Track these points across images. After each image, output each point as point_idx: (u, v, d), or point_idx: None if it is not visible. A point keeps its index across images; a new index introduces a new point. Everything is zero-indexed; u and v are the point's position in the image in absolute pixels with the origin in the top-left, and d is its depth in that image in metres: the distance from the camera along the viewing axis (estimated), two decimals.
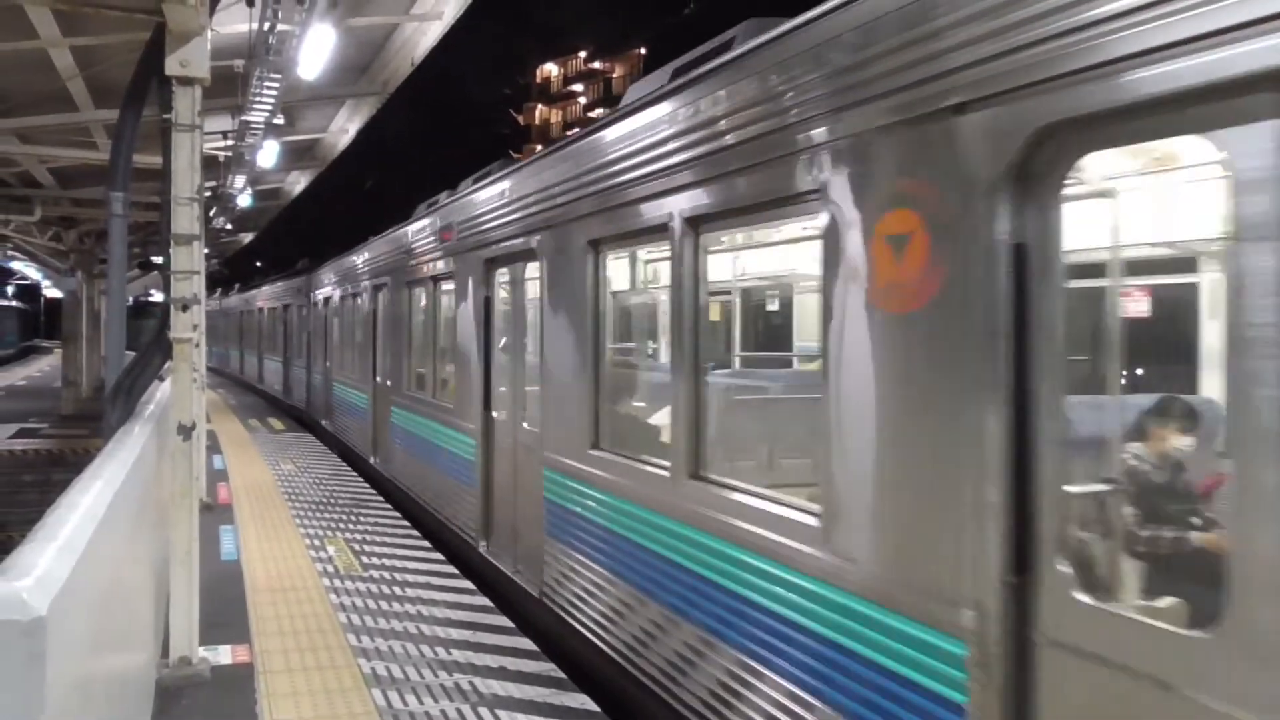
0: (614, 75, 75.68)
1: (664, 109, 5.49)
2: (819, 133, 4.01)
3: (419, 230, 11.74)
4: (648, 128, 5.67)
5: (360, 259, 15.79)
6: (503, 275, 8.87)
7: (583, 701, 5.79)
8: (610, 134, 6.29)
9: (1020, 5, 3.00)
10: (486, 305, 9.06)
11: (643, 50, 71.34)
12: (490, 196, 8.84)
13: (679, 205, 5.27)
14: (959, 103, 3.22)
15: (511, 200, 8.13)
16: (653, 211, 5.59)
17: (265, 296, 29.40)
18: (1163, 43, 2.59)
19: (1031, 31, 2.95)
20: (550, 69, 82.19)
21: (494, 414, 8.90)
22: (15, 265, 40.23)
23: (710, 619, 4.94)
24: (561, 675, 6.22)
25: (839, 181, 3.89)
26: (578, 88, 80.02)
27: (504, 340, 8.96)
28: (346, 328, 16.83)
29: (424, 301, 11.81)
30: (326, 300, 18.92)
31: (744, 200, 4.76)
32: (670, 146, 5.35)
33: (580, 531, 6.62)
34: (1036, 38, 2.93)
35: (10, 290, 65.17)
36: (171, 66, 5.91)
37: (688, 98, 5.20)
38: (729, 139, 4.78)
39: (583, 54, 78.81)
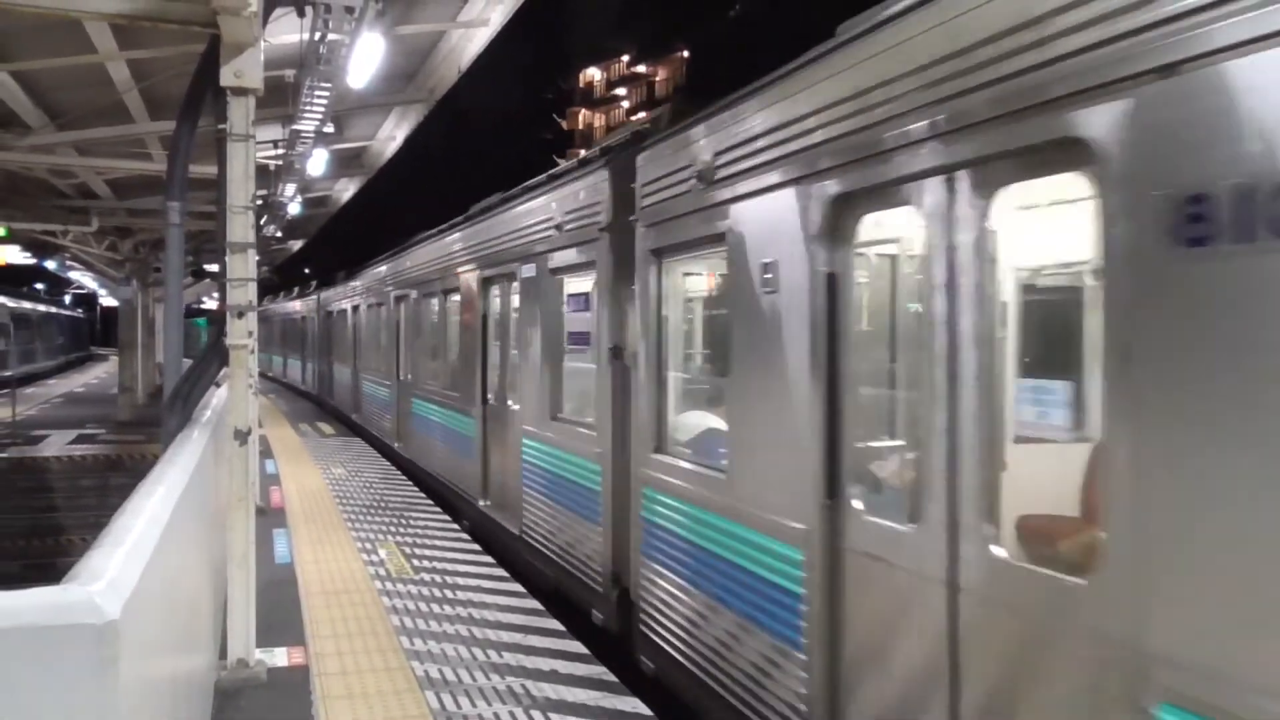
0: (657, 78, 75.76)
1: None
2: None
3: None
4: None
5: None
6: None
7: (634, 705, 5.78)
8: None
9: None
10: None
11: (685, 53, 71.40)
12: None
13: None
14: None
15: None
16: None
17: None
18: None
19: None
20: (593, 73, 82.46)
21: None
22: (73, 275, 41.12)
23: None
24: (613, 679, 6.22)
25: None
26: (620, 91, 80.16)
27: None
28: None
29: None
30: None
31: None
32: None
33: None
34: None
35: (68, 299, 66.69)
36: (226, 78, 6.00)
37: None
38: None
39: (625, 57, 78.95)
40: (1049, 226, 4.30)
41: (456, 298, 12.58)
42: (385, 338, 17.51)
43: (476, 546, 9.93)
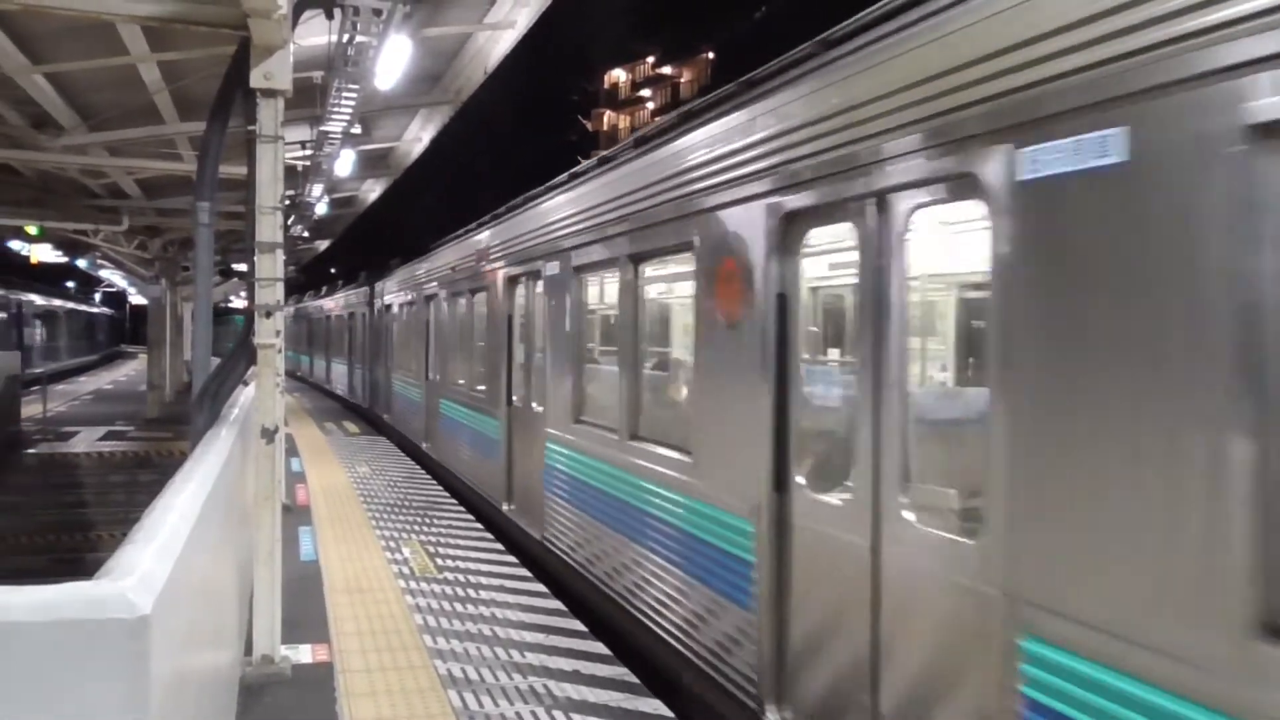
0: (682, 80, 75.69)
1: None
2: None
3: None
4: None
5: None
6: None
7: (656, 707, 5.79)
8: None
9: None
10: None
11: (711, 54, 71.30)
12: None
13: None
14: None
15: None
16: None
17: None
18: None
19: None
20: (618, 74, 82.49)
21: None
22: (103, 273, 41.60)
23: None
24: (635, 680, 6.24)
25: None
26: (646, 93, 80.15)
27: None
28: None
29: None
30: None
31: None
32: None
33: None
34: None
35: (98, 297, 67.49)
36: (256, 79, 6.07)
37: None
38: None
39: (650, 59, 78.94)
40: None
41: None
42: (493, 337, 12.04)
43: (500, 546, 9.97)
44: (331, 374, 31.33)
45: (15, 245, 27.97)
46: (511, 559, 9.44)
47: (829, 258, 5.52)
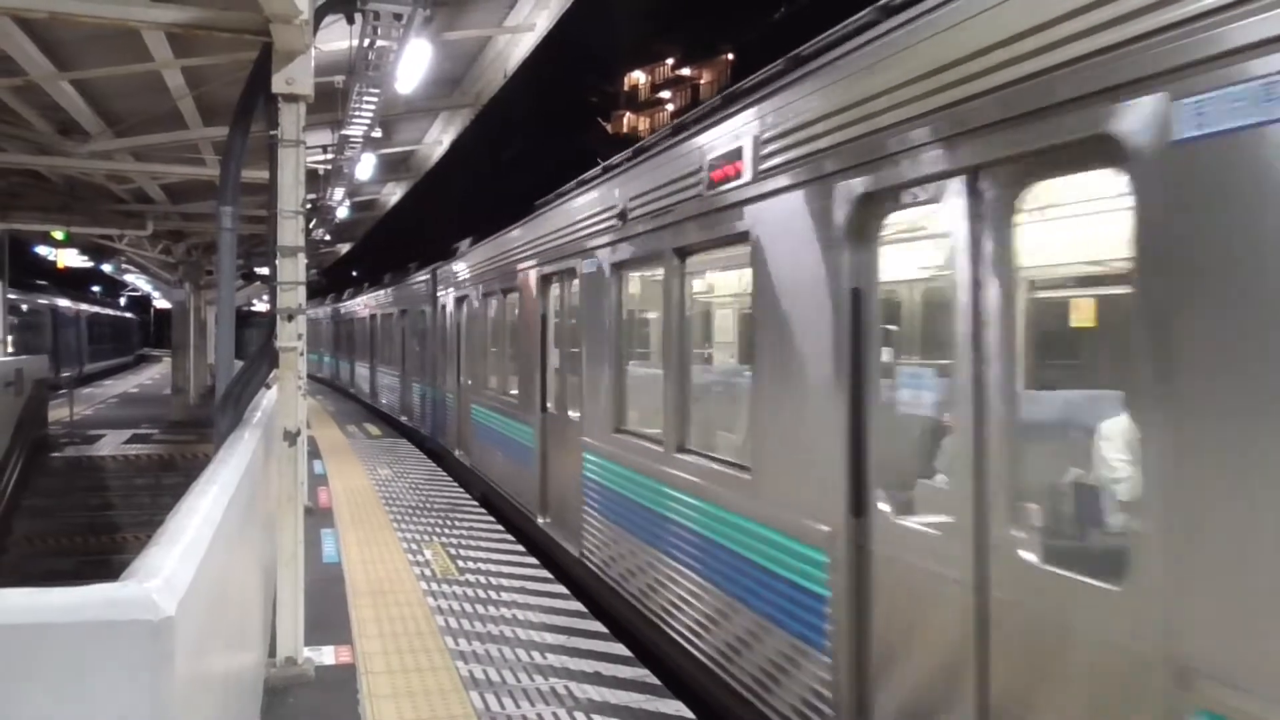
0: (701, 81, 75.66)
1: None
2: None
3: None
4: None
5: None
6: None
7: (677, 708, 5.78)
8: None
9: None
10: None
11: (730, 55, 71.21)
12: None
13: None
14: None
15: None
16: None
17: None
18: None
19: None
20: (638, 76, 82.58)
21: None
22: (128, 277, 41.98)
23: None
24: (656, 682, 6.23)
25: None
26: (665, 95, 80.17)
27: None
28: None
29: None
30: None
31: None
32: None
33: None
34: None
35: (123, 301, 68.16)
36: (278, 84, 6.11)
37: None
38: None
39: (670, 61, 78.95)
40: None
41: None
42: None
43: (521, 548, 9.97)
44: (378, 388, 25.82)
45: (42, 250, 28.26)
46: (532, 560, 9.45)
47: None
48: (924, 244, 4.79)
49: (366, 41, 8.21)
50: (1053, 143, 3.37)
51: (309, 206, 15.85)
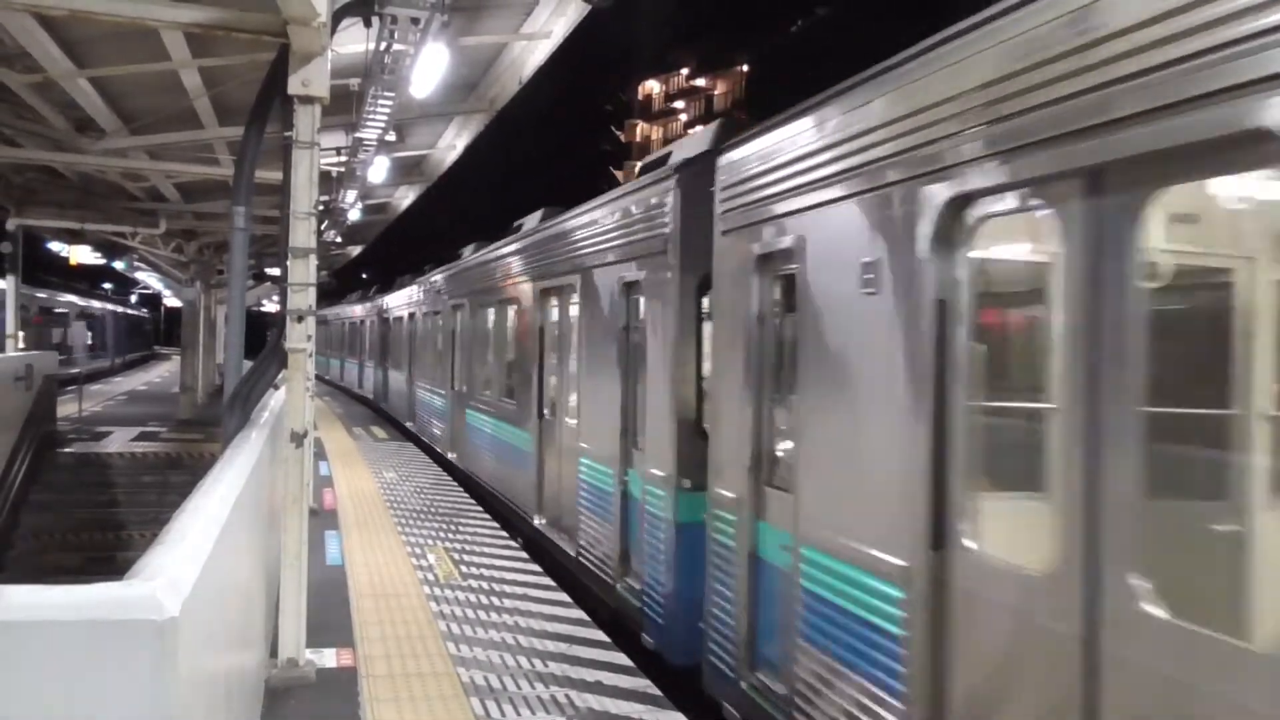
0: (715, 92, 75.74)
1: None
2: None
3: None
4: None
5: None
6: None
7: None
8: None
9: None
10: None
11: (745, 67, 71.32)
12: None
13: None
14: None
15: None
16: None
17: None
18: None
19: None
20: (652, 86, 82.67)
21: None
22: (139, 275, 42.14)
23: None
24: (657, 692, 6.21)
25: None
26: (679, 104, 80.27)
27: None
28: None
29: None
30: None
31: None
32: None
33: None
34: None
35: (133, 299, 68.46)
36: (294, 86, 6.13)
37: None
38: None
39: (685, 70, 79.06)
40: None
41: None
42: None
43: (524, 555, 9.95)
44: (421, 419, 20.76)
45: (55, 246, 28.38)
46: (535, 567, 9.43)
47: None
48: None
49: (383, 45, 8.21)
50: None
51: (321, 208, 15.90)
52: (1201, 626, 2.91)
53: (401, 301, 24.41)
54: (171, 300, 52.58)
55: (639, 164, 8.32)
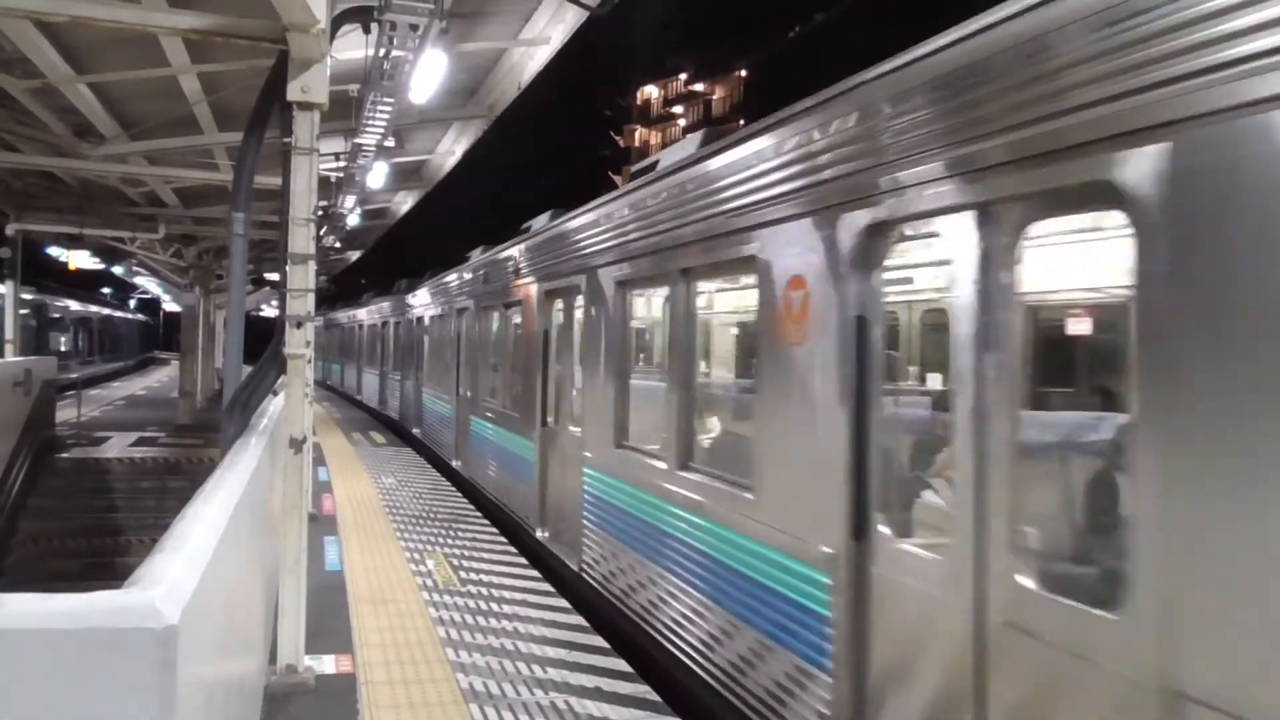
0: (714, 97, 75.82)
1: None
2: None
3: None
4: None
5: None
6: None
7: None
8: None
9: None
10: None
11: (743, 72, 71.40)
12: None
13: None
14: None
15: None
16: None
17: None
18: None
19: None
20: (650, 91, 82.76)
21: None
22: (138, 280, 42.11)
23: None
24: (656, 698, 6.20)
25: None
26: (677, 110, 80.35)
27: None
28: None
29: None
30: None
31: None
32: None
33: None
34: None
35: (132, 304, 68.35)
36: (293, 92, 6.13)
37: None
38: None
39: (683, 76, 79.15)
40: None
41: None
42: None
43: (524, 560, 9.95)
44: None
45: (54, 251, 28.37)
46: (535, 573, 9.42)
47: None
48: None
49: (382, 51, 8.23)
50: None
51: (320, 214, 15.90)
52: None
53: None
54: (170, 305, 52.54)
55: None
